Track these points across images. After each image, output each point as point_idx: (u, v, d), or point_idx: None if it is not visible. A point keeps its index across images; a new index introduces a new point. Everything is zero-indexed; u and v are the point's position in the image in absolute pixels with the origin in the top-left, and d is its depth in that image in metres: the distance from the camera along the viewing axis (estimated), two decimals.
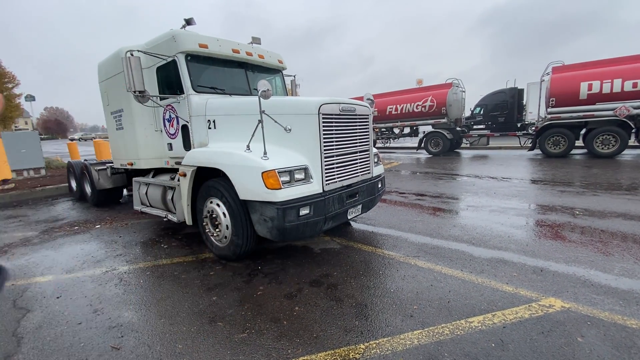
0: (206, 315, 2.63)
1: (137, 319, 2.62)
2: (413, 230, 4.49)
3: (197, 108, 4.12)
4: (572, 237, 3.95)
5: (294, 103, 3.57)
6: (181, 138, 4.40)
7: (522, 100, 20.12)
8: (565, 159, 11.18)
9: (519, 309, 2.52)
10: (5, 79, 23.72)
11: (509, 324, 2.33)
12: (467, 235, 4.20)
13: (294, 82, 6.07)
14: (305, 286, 3.05)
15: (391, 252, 3.74)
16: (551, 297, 2.66)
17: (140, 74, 3.73)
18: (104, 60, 5.49)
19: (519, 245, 3.77)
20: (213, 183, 3.59)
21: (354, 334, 2.32)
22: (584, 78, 10.85)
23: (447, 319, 2.44)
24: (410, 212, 5.42)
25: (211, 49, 4.26)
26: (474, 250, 3.69)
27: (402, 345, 2.17)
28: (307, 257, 3.72)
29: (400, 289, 2.91)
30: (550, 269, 3.17)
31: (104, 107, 5.82)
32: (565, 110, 11.25)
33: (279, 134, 3.41)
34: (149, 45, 4.44)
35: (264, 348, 2.20)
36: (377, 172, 4.39)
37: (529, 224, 4.56)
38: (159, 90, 4.53)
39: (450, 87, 15.04)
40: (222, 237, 3.60)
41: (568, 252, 3.52)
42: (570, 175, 8.17)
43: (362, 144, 3.96)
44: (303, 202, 3.17)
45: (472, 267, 3.27)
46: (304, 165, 3.32)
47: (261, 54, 4.92)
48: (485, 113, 19.68)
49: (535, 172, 9.00)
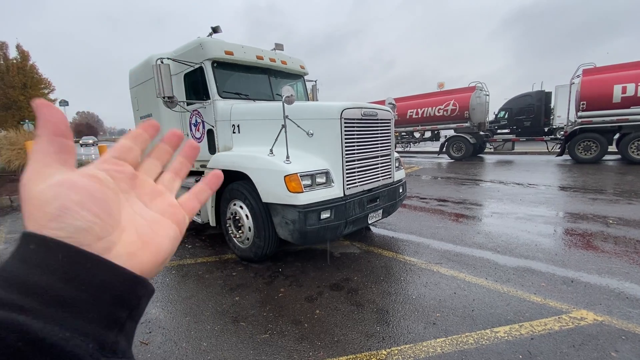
0: (229, 315, 2.69)
1: (164, 316, 2.72)
2: (435, 236, 4.41)
3: (222, 113, 4.24)
4: (605, 247, 3.77)
5: (316, 108, 3.62)
6: (207, 142, 4.54)
7: (550, 104, 19.36)
8: (596, 165, 10.65)
9: (548, 320, 2.43)
10: (42, 85, 25.20)
11: (537, 336, 2.25)
12: (491, 242, 4.09)
13: (315, 87, 6.14)
14: (325, 290, 3.07)
15: (412, 258, 3.70)
16: (583, 310, 2.55)
17: (169, 80, 3.89)
18: (134, 67, 5.76)
19: (548, 255, 3.64)
20: (237, 186, 3.68)
21: (376, 339, 2.31)
22: (618, 80, 10.34)
23: (471, 328, 2.38)
24: (432, 218, 5.33)
25: (236, 55, 4.39)
26: (499, 259, 3.59)
27: (424, 352, 2.15)
28: (327, 261, 3.74)
29: (422, 296, 2.87)
30: (581, 279, 3.04)
31: (134, 111, 6.09)
32: (597, 114, 10.75)
33: (301, 139, 3.46)
34: (178, 52, 4.62)
35: (286, 349, 2.23)
36: (398, 176, 4.36)
37: (558, 233, 4.39)
38: (186, 96, 4.70)
39: (474, 91, 14.71)
40: (245, 239, 3.67)
41: (601, 263, 3.36)
42: (603, 182, 7.78)
43: (384, 148, 3.95)
44: (324, 205, 3.19)
45: (497, 276, 3.18)
46: (325, 169, 3.35)
47: (284, 60, 5.02)
48: (510, 117, 19.07)
49: (564, 178, 8.63)
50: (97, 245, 0.29)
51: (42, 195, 0.28)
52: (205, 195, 0.44)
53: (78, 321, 0.26)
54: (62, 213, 0.28)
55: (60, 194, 0.28)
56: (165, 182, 0.41)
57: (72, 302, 0.26)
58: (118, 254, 0.30)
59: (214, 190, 0.45)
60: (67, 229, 0.27)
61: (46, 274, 0.26)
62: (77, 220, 0.28)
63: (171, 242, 0.36)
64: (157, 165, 0.41)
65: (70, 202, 0.28)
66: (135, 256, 0.32)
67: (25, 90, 23.56)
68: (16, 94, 22.96)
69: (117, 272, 0.29)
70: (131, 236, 0.33)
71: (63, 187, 0.29)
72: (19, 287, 0.25)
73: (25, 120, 21.00)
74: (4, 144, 12.73)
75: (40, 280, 0.25)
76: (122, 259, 0.30)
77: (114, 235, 0.31)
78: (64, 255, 0.27)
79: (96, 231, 0.29)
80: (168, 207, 0.38)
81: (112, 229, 0.31)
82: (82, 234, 0.28)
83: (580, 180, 8.17)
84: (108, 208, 0.31)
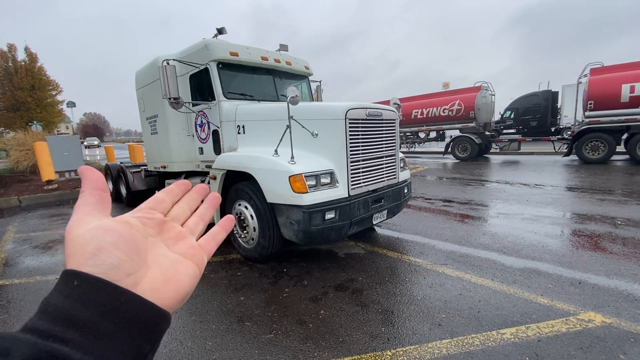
0: (234, 315, 2.70)
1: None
2: (440, 237, 4.39)
3: (227, 114, 4.27)
4: (613, 249, 3.72)
5: (321, 108, 3.62)
6: (212, 142, 4.57)
7: (557, 104, 19.18)
8: (604, 166, 10.52)
9: (555, 322, 2.40)
10: (49, 86, 25.50)
11: (545, 338, 2.23)
12: (497, 243, 4.06)
13: (320, 88, 6.14)
14: (330, 290, 3.06)
15: (418, 259, 3.68)
16: (591, 312, 2.52)
17: (175, 81, 3.92)
18: (141, 68, 5.82)
19: (555, 256, 3.60)
20: (242, 186, 3.70)
21: (380, 340, 2.30)
22: (626, 80, 10.20)
23: (477, 329, 2.37)
24: (437, 219, 5.31)
25: (241, 56, 4.41)
26: (506, 260, 3.56)
27: (430, 354, 2.14)
28: (332, 262, 3.74)
29: (428, 297, 2.86)
30: (589, 281, 3.00)
31: (140, 112, 6.14)
32: (605, 114, 10.62)
33: (306, 139, 3.47)
34: (183, 54, 4.66)
35: (291, 349, 2.24)
36: (403, 177, 4.35)
37: (565, 234, 4.34)
38: (192, 96, 4.74)
39: (479, 91, 14.60)
40: (250, 239, 3.69)
41: (609, 264, 3.32)
42: (611, 182, 7.68)
43: (388, 148, 3.94)
44: (329, 206, 3.19)
45: (503, 277, 3.15)
46: (330, 170, 3.35)
47: (288, 61, 5.03)
48: (516, 117, 18.92)
49: (572, 179, 8.54)
50: (126, 281, 0.32)
51: (81, 238, 0.33)
52: (222, 237, 0.49)
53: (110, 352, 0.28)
54: (98, 252, 0.32)
55: (96, 236, 0.33)
56: (190, 226, 0.46)
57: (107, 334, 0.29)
58: (143, 289, 0.33)
59: (229, 231, 0.51)
60: (102, 265, 0.31)
61: (86, 307, 0.29)
62: (110, 258, 0.32)
63: (191, 280, 0.39)
64: (185, 210, 0.47)
65: (105, 243, 0.33)
66: (159, 292, 0.35)
67: (33, 91, 23.87)
68: (24, 95, 23.28)
69: (146, 306, 0.32)
70: (155, 274, 0.36)
71: (99, 231, 0.34)
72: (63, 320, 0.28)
73: (33, 121, 21.28)
74: (12, 145, 12.92)
75: (81, 314, 0.28)
76: (146, 293, 0.33)
77: (141, 272, 0.35)
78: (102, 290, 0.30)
79: (125, 268, 0.33)
80: (189, 249, 0.42)
81: (139, 266, 0.35)
82: (114, 271, 0.32)
83: (588, 180, 8.08)
84: (136, 248, 0.35)
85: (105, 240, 0.33)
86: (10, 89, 23.09)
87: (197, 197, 0.50)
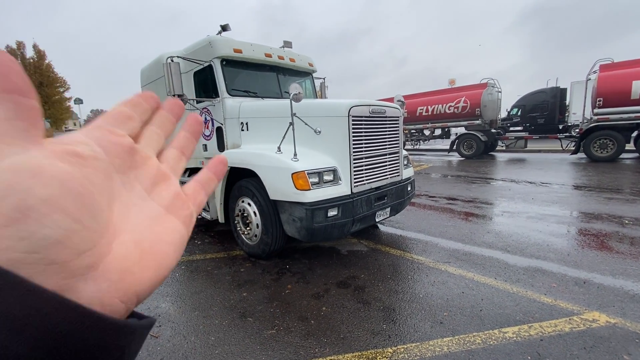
0: (237, 310, 2.73)
1: (174, 310, 2.77)
2: (444, 235, 4.37)
3: (231, 111, 4.28)
4: (620, 248, 3.67)
5: (324, 105, 3.62)
6: (216, 139, 4.58)
7: (565, 101, 18.91)
8: (613, 164, 10.36)
9: (558, 321, 2.39)
10: (57, 83, 25.77)
11: (547, 337, 2.21)
12: (501, 242, 4.03)
13: (324, 85, 6.13)
14: (332, 287, 3.07)
15: (420, 257, 3.67)
16: (595, 311, 2.49)
17: (179, 78, 3.93)
18: (146, 65, 5.84)
19: (560, 255, 3.56)
20: (245, 183, 3.71)
21: (382, 337, 2.31)
22: (637, 76, 10.01)
23: (479, 327, 2.36)
24: (440, 217, 5.28)
25: (245, 53, 4.41)
26: (509, 258, 3.53)
27: (430, 351, 2.14)
28: (334, 259, 3.74)
29: (430, 295, 2.85)
30: (594, 281, 2.97)
31: None
32: (615, 111, 10.44)
33: (309, 136, 3.46)
34: (188, 51, 4.67)
35: (292, 345, 2.25)
36: (406, 174, 4.33)
37: (571, 233, 4.29)
38: (196, 93, 4.75)
39: (485, 87, 14.45)
40: (253, 236, 3.71)
41: (615, 264, 3.28)
42: (619, 181, 7.56)
43: (392, 146, 3.93)
44: (331, 203, 3.19)
45: (506, 276, 3.13)
46: (332, 167, 3.35)
47: (292, 58, 5.02)
48: (523, 114, 18.70)
49: (579, 177, 8.43)
50: (76, 263, 0.20)
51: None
52: (213, 186, 0.34)
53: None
54: (22, 215, 0.18)
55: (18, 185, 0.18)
56: (170, 161, 0.32)
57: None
58: (107, 271, 0.22)
59: (221, 178, 0.36)
60: (31, 240, 0.18)
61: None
62: (45, 227, 0.19)
63: (177, 249, 0.27)
64: (160, 135, 0.31)
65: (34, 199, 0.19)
66: (131, 274, 0.23)
67: (41, 88, 24.17)
68: None
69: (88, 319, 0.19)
70: (126, 244, 0.24)
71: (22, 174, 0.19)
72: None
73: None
74: None
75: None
76: (112, 278, 0.22)
77: (102, 245, 0.22)
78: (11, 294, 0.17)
79: (75, 242, 0.20)
80: (175, 198, 0.29)
81: (99, 235, 0.22)
82: (54, 248, 0.19)
83: (596, 179, 7.96)
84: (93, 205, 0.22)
85: (33, 193, 0.19)
86: None
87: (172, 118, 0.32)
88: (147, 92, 0.32)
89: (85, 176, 0.22)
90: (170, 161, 0.32)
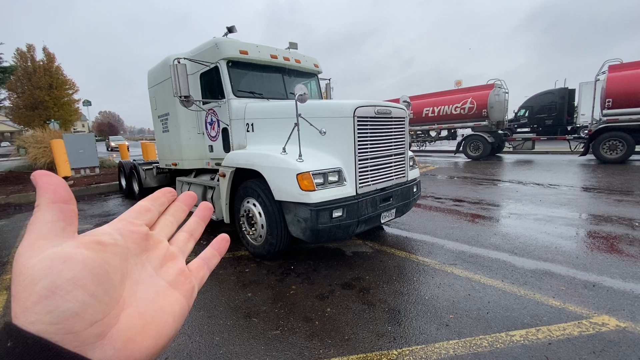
0: (241, 311, 2.73)
1: None
2: (450, 237, 4.33)
3: (236, 112, 4.30)
4: (630, 251, 3.60)
5: (329, 106, 3.61)
6: (221, 140, 4.61)
7: (573, 102, 18.69)
8: (623, 165, 10.19)
9: (567, 325, 2.35)
10: (66, 85, 26.13)
11: (555, 341, 2.18)
12: (509, 244, 3.98)
13: (329, 86, 6.13)
14: (337, 288, 3.06)
15: (426, 259, 3.65)
16: (605, 315, 2.45)
17: (186, 80, 3.97)
18: (153, 67, 5.91)
19: (568, 257, 3.51)
20: (250, 184, 3.73)
21: (387, 339, 2.29)
22: None
23: (485, 330, 2.33)
24: (447, 218, 5.24)
25: (251, 55, 4.43)
26: (517, 261, 3.49)
27: (436, 354, 2.11)
28: (339, 260, 3.73)
29: (436, 297, 2.83)
30: (603, 284, 2.92)
31: (152, 111, 6.24)
32: (624, 112, 10.27)
33: (314, 137, 3.46)
34: (194, 52, 4.71)
35: (296, 346, 2.25)
36: (412, 175, 4.30)
37: (580, 235, 4.23)
38: (202, 95, 4.79)
39: (492, 88, 14.32)
40: (258, 236, 3.71)
41: (625, 267, 3.22)
42: (629, 183, 7.43)
43: (398, 146, 3.91)
44: (336, 204, 3.19)
45: (514, 278, 3.09)
46: (337, 168, 3.34)
47: (298, 59, 5.03)
48: (531, 115, 18.51)
49: (588, 179, 8.30)
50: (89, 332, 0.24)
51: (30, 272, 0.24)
52: (215, 262, 0.42)
53: None
54: (51, 293, 0.23)
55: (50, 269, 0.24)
56: (179, 243, 0.39)
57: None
58: (113, 340, 0.26)
59: (223, 254, 0.43)
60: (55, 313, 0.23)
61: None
62: (68, 302, 0.24)
63: (176, 321, 0.31)
64: (172, 222, 0.39)
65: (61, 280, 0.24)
66: (133, 342, 0.27)
67: (51, 90, 24.52)
68: (42, 94, 23.94)
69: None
70: (131, 316, 0.28)
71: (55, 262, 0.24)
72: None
73: (50, 119, 21.89)
74: (30, 142, 13.32)
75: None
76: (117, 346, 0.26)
77: (111, 316, 0.26)
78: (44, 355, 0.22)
79: (90, 314, 0.25)
80: (179, 275, 0.35)
81: (109, 308, 0.26)
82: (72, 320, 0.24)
83: (605, 181, 7.84)
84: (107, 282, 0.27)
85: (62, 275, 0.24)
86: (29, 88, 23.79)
87: (185, 207, 0.42)
88: (167, 188, 0.41)
89: (103, 259, 0.27)
90: (179, 243, 0.39)
